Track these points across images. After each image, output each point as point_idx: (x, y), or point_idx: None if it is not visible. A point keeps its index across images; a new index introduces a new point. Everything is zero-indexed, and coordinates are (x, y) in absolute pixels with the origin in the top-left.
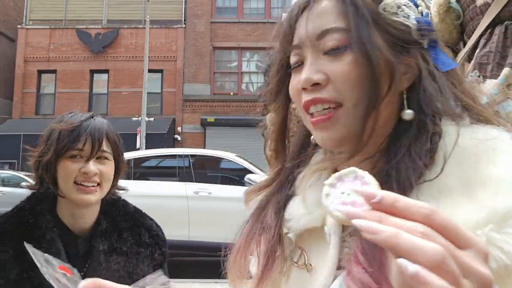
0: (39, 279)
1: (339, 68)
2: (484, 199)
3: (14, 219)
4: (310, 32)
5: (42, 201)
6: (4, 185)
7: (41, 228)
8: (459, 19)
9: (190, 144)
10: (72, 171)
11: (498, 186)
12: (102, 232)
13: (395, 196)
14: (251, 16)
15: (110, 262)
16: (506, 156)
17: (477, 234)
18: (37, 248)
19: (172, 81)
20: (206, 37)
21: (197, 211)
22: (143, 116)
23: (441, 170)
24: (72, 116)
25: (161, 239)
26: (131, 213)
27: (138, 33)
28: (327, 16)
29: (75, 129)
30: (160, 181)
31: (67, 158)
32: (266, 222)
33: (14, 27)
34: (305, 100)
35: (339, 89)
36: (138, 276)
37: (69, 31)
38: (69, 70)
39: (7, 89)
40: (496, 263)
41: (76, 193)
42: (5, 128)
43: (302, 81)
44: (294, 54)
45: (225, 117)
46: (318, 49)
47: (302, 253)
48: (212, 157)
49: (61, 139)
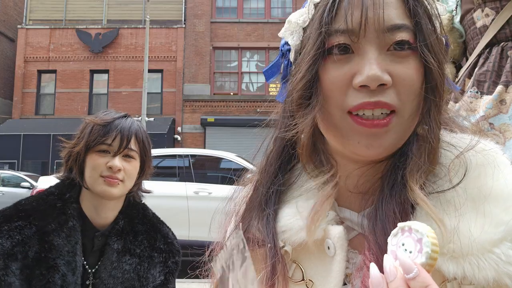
0: (54, 261)
1: (405, 72)
2: (495, 214)
3: (42, 201)
4: (380, 20)
5: (71, 189)
6: (4, 185)
7: (66, 214)
8: (462, 37)
9: (190, 144)
10: (99, 165)
11: (508, 200)
12: (119, 231)
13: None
14: (251, 16)
15: (122, 262)
16: (508, 169)
17: (496, 253)
18: (58, 232)
19: (172, 81)
20: (206, 37)
21: (197, 211)
22: (143, 116)
23: (456, 184)
24: (107, 113)
25: (175, 248)
26: (149, 218)
27: (138, 33)
28: (393, 9)
29: (107, 124)
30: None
31: (96, 152)
32: (254, 234)
33: (14, 27)
34: (364, 101)
35: (401, 95)
36: (148, 281)
37: (69, 31)
38: (69, 70)
39: (7, 89)
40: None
41: (101, 184)
42: (5, 128)
43: (368, 78)
44: (342, 39)
45: (225, 117)
46: (383, 43)
47: (297, 268)
48: (212, 157)
49: (92, 133)
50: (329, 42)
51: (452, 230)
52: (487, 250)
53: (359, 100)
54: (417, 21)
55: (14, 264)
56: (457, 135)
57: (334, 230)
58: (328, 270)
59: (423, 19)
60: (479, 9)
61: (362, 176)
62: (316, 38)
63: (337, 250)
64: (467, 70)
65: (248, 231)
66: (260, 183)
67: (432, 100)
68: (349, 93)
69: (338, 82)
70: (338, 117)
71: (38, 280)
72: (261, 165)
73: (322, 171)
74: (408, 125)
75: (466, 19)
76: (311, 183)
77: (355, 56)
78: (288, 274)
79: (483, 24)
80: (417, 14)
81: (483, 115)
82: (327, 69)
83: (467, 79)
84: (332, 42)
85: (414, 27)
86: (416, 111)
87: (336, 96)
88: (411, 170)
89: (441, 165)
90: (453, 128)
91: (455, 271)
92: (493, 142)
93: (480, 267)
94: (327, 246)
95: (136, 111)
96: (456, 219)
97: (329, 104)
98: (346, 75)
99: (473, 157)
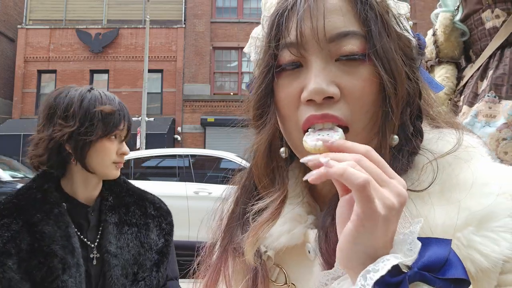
0: (50, 248)
1: (355, 83)
2: (459, 201)
3: (22, 196)
4: (319, 31)
5: (48, 180)
6: None
7: (49, 203)
8: (463, 36)
9: (190, 144)
10: (112, 152)
11: (472, 188)
12: (111, 207)
13: (343, 140)
14: (251, 16)
15: (123, 233)
16: (479, 162)
17: (458, 237)
18: (45, 221)
19: (172, 81)
20: (206, 37)
21: (197, 211)
22: (143, 116)
23: (429, 185)
24: (103, 95)
25: (164, 210)
26: (134, 189)
27: (138, 33)
28: (339, 16)
29: (116, 111)
30: (160, 181)
31: (107, 138)
32: (237, 243)
33: (14, 27)
34: (310, 115)
35: (352, 107)
36: (150, 245)
37: (69, 31)
38: (69, 70)
39: (7, 89)
40: (474, 266)
41: (113, 170)
42: (5, 128)
43: (311, 92)
44: (288, 53)
45: (225, 117)
46: (329, 54)
47: (280, 272)
48: (212, 157)
49: (107, 120)
50: (279, 57)
51: (416, 216)
52: (450, 234)
53: (305, 114)
54: (367, 27)
55: (9, 260)
56: (440, 133)
57: (312, 234)
58: (309, 273)
59: (373, 23)
60: (489, 9)
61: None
62: (265, 54)
63: (316, 253)
64: (478, 72)
65: (231, 242)
66: (238, 199)
67: (385, 111)
68: (300, 109)
69: (289, 98)
70: (296, 138)
71: (38, 269)
72: (242, 179)
73: (271, 192)
74: (364, 137)
75: (473, 19)
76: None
77: (303, 70)
78: (272, 278)
79: (493, 25)
80: (367, 19)
81: (505, 122)
82: (280, 85)
83: (479, 82)
84: (281, 58)
85: (365, 33)
86: (373, 122)
87: (290, 114)
88: None
89: (414, 167)
90: (439, 124)
91: None
92: (475, 138)
93: None
94: (307, 250)
95: (136, 111)
96: (421, 206)
97: (286, 123)
98: (296, 91)
99: (448, 157)
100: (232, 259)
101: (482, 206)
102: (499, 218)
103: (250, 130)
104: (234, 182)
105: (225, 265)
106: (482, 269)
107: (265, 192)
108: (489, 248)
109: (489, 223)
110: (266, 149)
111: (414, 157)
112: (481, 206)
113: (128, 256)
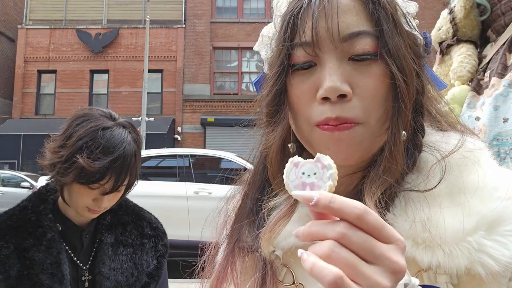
0: (38, 277)
1: (366, 82)
2: (469, 205)
3: (16, 217)
4: (334, 31)
5: (44, 201)
6: (4, 185)
7: (43, 227)
8: (482, 15)
9: (190, 144)
10: (85, 198)
11: (482, 192)
12: (108, 226)
13: (330, 197)
14: (251, 16)
15: (118, 254)
16: (487, 165)
17: (469, 241)
18: (37, 247)
19: (172, 81)
20: (206, 37)
21: (197, 211)
22: (143, 116)
23: (438, 182)
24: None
25: (161, 231)
26: (132, 208)
27: (138, 33)
28: (353, 16)
29: (101, 168)
30: (160, 181)
31: (86, 186)
32: (246, 242)
33: (14, 27)
34: (327, 117)
35: (365, 106)
36: (143, 266)
37: (69, 31)
38: (69, 70)
39: (7, 89)
40: (484, 270)
41: (85, 211)
42: (5, 128)
43: (327, 90)
44: (303, 52)
45: (225, 117)
46: (343, 53)
47: (288, 271)
48: (212, 157)
49: (82, 174)
50: (293, 56)
51: (424, 221)
52: (461, 238)
53: (322, 115)
54: (379, 26)
55: None
56: (444, 137)
57: None
58: None
59: (385, 23)
60: None
61: (340, 186)
62: (278, 53)
63: None
64: (504, 45)
65: (239, 240)
66: (247, 196)
67: (396, 106)
68: (314, 106)
69: (303, 96)
70: (307, 131)
71: None
72: (249, 176)
73: (283, 190)
74: (376, 131)
75: None
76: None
77: (317, 68)
78: (279, 278)
79: None
80: (379, 19)
81: None
82: (294, 83)
83: (507, 54)
84: (295, 57)
85: (377, 32)
86: (385, 117)
87: (303, 110)
88: (368, 182)
89: (420, 167)
90: (442, 126)
91: (429, 260)
92: (480, 140)
93: (453, 255)
94: None
95: (136, 111)
96: (429, 210)
97: (298, 118)
98: (310, 89)
99: (456, 157)
100: (240, 257)
101: (492, 211)
102: (508, 223)
103: (254, 130)
104: (240, 182)
105: (233, 263)
106: (492, 272)
107: (280, 188)
108: (499, 252)
109: (498, 227)
110: (280, 145)
111: (419, 154)
112: (491, 210)
113: (121, 278)
